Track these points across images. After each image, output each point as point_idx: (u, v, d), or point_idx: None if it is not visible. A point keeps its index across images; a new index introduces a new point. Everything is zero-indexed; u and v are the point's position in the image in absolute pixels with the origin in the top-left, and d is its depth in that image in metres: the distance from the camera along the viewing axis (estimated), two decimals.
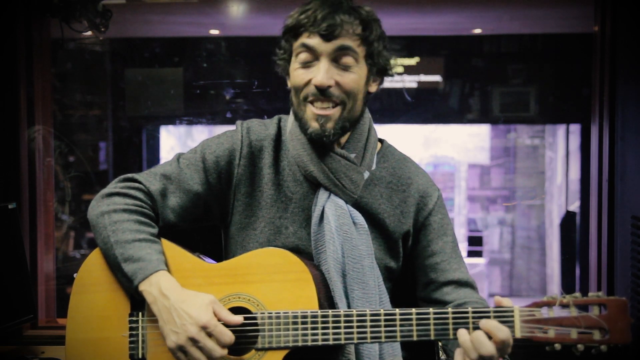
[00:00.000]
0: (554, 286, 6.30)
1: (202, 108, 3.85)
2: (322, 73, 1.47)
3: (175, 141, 5.83)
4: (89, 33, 2.85)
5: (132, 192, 1.58)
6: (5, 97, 2.63)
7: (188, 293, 1.46)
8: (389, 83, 4.29)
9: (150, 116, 3.94)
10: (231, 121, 3.82)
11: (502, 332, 1.34)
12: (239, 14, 3.41)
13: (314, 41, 1.48)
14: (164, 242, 1.57)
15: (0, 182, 2.61)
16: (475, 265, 6.04)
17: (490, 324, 1.36)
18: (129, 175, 1.63)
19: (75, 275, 1.59)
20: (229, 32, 3.86)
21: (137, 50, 3.99)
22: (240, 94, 3.86)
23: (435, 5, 3.48)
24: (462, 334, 1.38)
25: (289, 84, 1.59)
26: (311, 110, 1.50)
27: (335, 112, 1.50)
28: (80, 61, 3.81)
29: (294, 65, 1.53)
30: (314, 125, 1.50)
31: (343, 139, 1.57)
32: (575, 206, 5.13)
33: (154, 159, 4.43)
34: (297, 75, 1.52)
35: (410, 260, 1.66)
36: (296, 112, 1.55)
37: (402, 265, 1.66)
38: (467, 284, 1.61)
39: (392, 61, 1.58)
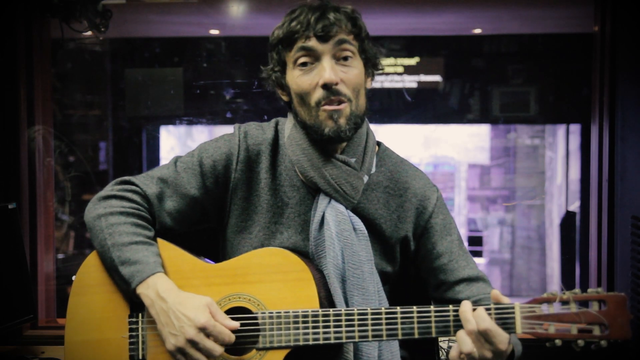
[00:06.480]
0: (554, 286, 6.30)
1: (202, 108, 3.84)
2: (328, 70, 1.47)
3: (175, 141, 5.83)
4: (89, 33, 2.84)
5: (128, 194, 1.58)
6: (5, 97, 2.63)
7: (185, 295, 1.46)
8: (389, 83, 4.29)
9: (150, 116, 3.93)
10: (231, 121, 3.82)
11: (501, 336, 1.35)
12: (239, 14, 3.40)
13: (313, 43, 1.48)
14: (163, 242, 1.56)
15: (0, 182, 2.61)
16: None
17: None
18: (126, 178, 1.62)
19: (74, 277, 1.59)
20: (229, 32, 3.86)
21: (137, 50, 3.99)
22: (240, 94, 3.86)
23: (435, 5, 3.48)
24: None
25: (285, 96, 1.59)
26: (324, 110, 1.49)
27: (345, 107, 1.50)
28: (80, 61, 3.81)
29: (294, 73, 1.52)
30: (330, 124, 1.49)
31: (343, 144, 1.57)
32: (575, 206, 5.13)
33: (154, 159, 4.42)
34: (301, 81, 1.50)
35: (418, 264, 1.65)
36: (305, 121, 1.53)
37: (400, 269, 1.65)
38: (478, 279, 1.60)
39: (379, 56, 1.59)
